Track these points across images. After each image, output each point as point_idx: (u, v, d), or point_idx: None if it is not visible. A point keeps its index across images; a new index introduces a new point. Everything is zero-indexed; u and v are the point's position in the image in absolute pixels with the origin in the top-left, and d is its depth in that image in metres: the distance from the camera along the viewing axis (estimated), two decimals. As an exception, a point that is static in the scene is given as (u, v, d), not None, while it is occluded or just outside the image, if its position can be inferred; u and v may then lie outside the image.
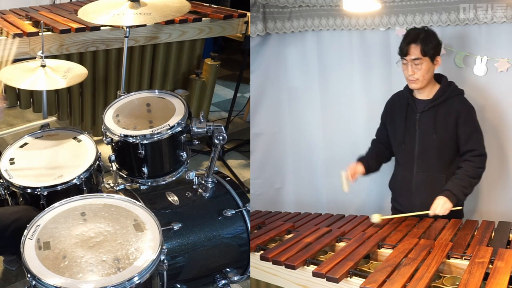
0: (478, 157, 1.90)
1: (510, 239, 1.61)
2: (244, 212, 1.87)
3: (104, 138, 2.10)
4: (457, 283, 1.27)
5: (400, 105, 2.04)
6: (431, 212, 1.82)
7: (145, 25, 2.72)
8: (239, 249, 1.87)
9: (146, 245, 1.48)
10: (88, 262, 1.41)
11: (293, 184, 2.70)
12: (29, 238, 1.47)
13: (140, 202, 1.68)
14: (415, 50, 1.87)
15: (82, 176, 1.91)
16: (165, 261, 1.49)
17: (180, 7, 2.27)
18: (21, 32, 2.43)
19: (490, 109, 2.22)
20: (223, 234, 1.83)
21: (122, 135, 2.02)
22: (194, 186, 1.94)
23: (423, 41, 1.87)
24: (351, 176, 2.01)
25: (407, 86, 2.01)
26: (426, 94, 1.97)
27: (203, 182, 1.92)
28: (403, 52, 1.91)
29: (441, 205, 1.80)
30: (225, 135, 1.84)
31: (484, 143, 1.93)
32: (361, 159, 2.09)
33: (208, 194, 1.92)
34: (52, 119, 2.50)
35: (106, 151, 2.20)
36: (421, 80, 1.91)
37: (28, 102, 2.79)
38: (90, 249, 1.45)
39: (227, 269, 1.87)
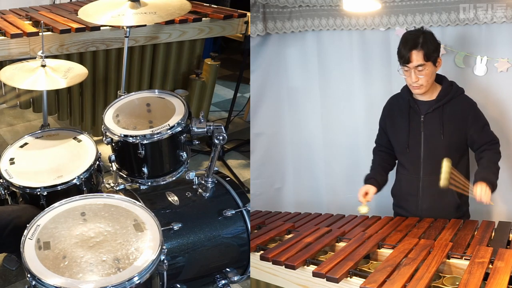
0: (495, 145, 1.92)
1: (510, 239, 1.61)
2: (244, 212, 1.87)
3: (104, 138, 2.10)
4: (457, 283, 1.27)
5: (400, 108, 1.99)
6: (477, 198, 1.74)
7: (145, 25, 2.72)
8: (239, 249, 1.87)
9: (146, 245, 1.48)
10: (88, 262, 1.41)
11: (293, 184, 2.70)
12: (29, 238, 1.48)
13: (140, 202, 1.68)
14: (417, 57, 1.80)
15: (82, 176, 1.92)
16: (165, 261, 1.49)
17: (181, 5, 2.28)
18: (21, 32, 2.43)
19: (490, 109, 2.21)
20: (223, 234, 1.83)
21: (122, 135, 2.02)
22: (194, 186, 1.95)
23: (424, 46, 1.80)
24: (364, 197, 1.95)
25: (405, 89, 1.97)
26: (428, 95, 1.92)
27: (203, 182, 1.92)
28: (405, 59, 1.83)
29: (484, 191, 1.73)
30: (225, 135, 1.84)
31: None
32: (369, 180, 2.01)
33: (208, 194, 1.92)
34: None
35: (106, 151, 2.20)
36: (425, 86, 1.86)
37: (28, 102, 2.79)
38: (90, 249, 1.45)
39: (227, 269, 1.87)
